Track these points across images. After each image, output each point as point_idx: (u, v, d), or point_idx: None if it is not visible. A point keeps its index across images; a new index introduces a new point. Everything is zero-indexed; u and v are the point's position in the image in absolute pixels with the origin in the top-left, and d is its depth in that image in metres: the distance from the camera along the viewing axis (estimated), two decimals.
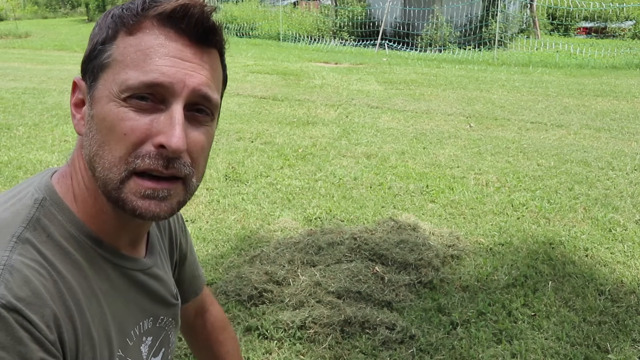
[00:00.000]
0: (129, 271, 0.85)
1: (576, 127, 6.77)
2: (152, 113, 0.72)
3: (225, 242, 3.51)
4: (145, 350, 0.90)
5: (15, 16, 27.92)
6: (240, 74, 10.91)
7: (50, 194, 0.78)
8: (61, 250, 0.75)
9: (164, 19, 0.74)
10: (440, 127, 6.83)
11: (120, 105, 0.72)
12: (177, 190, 0.76)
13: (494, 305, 2.83)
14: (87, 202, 0.79)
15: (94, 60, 0.75)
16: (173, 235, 1.06)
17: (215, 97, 0.78)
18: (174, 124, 0.71)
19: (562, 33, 18.93)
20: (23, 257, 0.70)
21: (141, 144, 0.72)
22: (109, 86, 0.73)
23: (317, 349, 2.46)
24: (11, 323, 0.64)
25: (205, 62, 0.76)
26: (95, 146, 0.74)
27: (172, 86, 0.72)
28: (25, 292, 0.67)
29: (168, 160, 0.72)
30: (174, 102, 0.73)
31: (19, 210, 0.75)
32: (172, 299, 0.96)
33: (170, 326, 0.97)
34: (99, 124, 0.73)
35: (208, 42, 0.77)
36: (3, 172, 4.78)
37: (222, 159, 5.25)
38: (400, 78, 10.76)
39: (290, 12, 21.20)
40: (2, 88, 9.07)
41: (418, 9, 17.10)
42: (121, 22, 0.74)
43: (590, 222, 3.88)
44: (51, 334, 0.68)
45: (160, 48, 0.72)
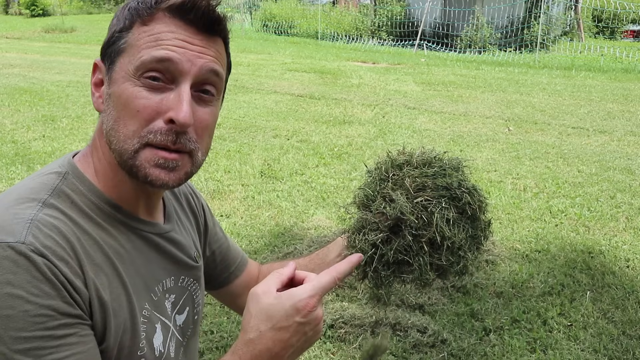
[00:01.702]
0: (147, 234, 0.92)
1: (620, 133, 6.58)
2: (162, 92, 0.81)
3: (259, 238, 3.54)
4: (170, 306, 0.96)
5: (61, 11, 28.77)
6: (278, 72, 10.98)
7: (72, 169, 0.87)
8: (84, 214, 0.83)
9: (174, 11, 0.82)
10: (478, 129, 6.73)
11: (135, 84, 0.80)
12: (184, 162, 0.84)
13: (528, 313, 2.78)
14: (108, 174, 0.87)
15: (112, 45, 0.84)
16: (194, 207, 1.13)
17: (221, 71, 0.86)
18: (182, 100, 0.80)
19: (607, 36, 18.39)
20: (49, 215, 0.77)
21: (152, 120, 0.80)
22: (125, 67, 0.81)
23: (347, 349, 2.46)
24: (40, 264, 0.71)
25: (211, 47, 0.85)
26: (111, 121, 0.82)
27: (181, 62, 0.80)
28: (51, 242, 0.74)
29: (176, 134, 0.81)
30: (182, 82, 0.81)
31: (45, 181, 0.83)
32: (192, 261, 1.02)
33: (193, 287, 1.03)
34: (115, 101, 0.82)
35: (213, 32, 0.85)
36: (47, 162, 4.93)
37: (258, 156, 5.30)
38: (438, 79, 10.64)
39: (329, 10, 21.21)
40: (48, 81, 9.36)
41: (458, 9, 16.87)
42: (136, 14, 0.82)
43: (633, 232, 3.76)
44: (76, 279, 0.75)
45: (170, 33, 0.81)
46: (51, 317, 0.71)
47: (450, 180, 0.95)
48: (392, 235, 0.94)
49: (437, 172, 0.96)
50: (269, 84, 9.51)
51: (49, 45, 16.66)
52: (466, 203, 0.95)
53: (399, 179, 0.96)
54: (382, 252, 0.94)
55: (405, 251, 0.93)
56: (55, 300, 0.71)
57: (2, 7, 33.83)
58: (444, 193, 0.94)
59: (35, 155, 5.13)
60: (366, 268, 0.96)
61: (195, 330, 1.06)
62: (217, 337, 2.51)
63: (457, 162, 1.00)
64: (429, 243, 0.93)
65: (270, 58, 13.32)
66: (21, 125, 6.29)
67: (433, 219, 0.91)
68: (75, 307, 0.74)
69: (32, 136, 5.83)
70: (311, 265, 1.14)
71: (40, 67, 11.14)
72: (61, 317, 0.72)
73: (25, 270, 0.70)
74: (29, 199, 0.79)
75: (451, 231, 0.93)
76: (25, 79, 9.49)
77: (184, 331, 1.00)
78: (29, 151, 5.26)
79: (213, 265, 1.19)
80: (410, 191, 0.94)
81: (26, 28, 22.36)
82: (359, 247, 0.96)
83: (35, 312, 0.69)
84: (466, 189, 0.95)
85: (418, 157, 0.99)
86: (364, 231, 0.96)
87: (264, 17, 20.86)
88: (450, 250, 0.94)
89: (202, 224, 1.15)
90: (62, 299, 0.72)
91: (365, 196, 0.99)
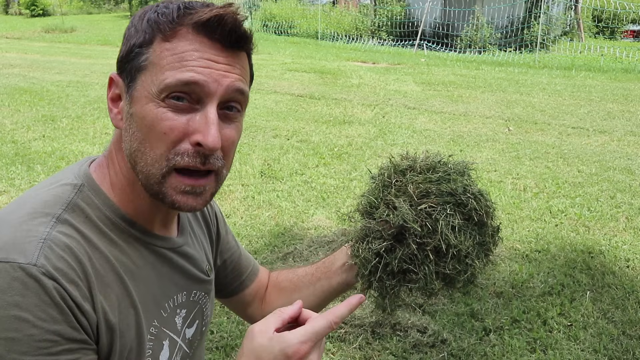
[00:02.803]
0: (160, 249, 0.91)
1: (620, 133, 6.58)
2: (188, 113, 0.78)
3: (259, 238, 3.54)
4: (180, 321, 0.95)
5: (61, 11, 28.77)
6: (278, 72, 10.98)
7: (88, 180, 0.85)
8: (98, 229, 0.81)
9: (199, 27, 0.78)
10: (478, 129, 6.73)
11: (159, 105, 0.77)
12: (210, 184, 0.83)
13: (528, 313, 2.78)
14: (125, 189, 0.85)
15: (132, 61, 0.80)
16: (207, 216, 1.12)
17: (247, 90, 0.84)
18: (210, 123, 0.77)
19: (607, 36, 18.38)
20: (62, 233, 0.76)
21: (179, 142, 0.78)
22: (147, 87, 0.78)
23: (347, 349, 2.46)
24: (49, 288, 0.70)
25: (237, 63, 0.82)
26: (136, 143, 0.80)
27: (207, 84, 0.77)
28: (63, 264, 0.72)
29: (205, 157, 0.79)
30: (208, 103, 0.78)
31: (60, 194, 0.81)
32: (204, 275, 1.01)
33: (203, 300, 1.02)
34: (139, 123, 0.79)
35: (239, 48, 0.83)
36: (47, 162, 4.94)
37: (258, 156, 5.30)
38: (438, 79, 10.64)
39: (329, 10, 21.20)
40: (48, 81, 9.36)
41: (458, 9, 16.87)
42: (157, 28, 0.79)
43: (633, 232, 3.76)
44: (85, 303, 0.74)
45: (195, 52, 0.77)
46: (55, 343, 0.70)
47: (455, 185, 0.92)
48: (396, 243, 0.92)
49: (442, 177, 0.93)
50: (269, 84, 9.51)
51: (49, 45, 16.66)
52: (472, 209, 0.92)
53: (402, 185, 0.94)
54: (387, 261, 0.92)
55: (410, 260, 0.91)
56: (61, 325, 0.71)
57: (2, 7, 33.83)
58: (449, 199, 0.91)
59: (35, 155, 5.13)
60: (370, 277, 0.95)
61: (202, 340, 1.06)
62: (217, 337, 2.51)
63: (462, 166, 0.97)
64: (434, 251, 0.90)
65: (270, 58, 13.32)
66: (21, 125, 6.28)
67: (438, 227, 0.89)
68: (80, 332, 0.73)
69: (32, 136, 5.83)
70: (317, 274, 1.13)
71: (40, 67, 11.14)
72: (65, 342, 0.71)
73: (35, 293, 0.69)
74: (43, 213, 0.77)
75: (457, 239, 0.90)
76: (25, 79, 9.49)
77: (191, 343, 1.00)
78: (29, 151, 5.26)
79: (224, 274, 1.18)
80: (413, 198, 0.91)
81: (26, 28, 22.37)
82: (363, 257, 0.94)
83: (40, 337, 0.69)
84: (472, 194, 0.93)
85: (421, 162, 0.97)
86: (367, 240, 0.94)
87: (264, 17, 20.86)
88: (456, 259, 0.91)
89: (214, 232, 1.13)
90: (68, 324, 0.71)
91: (369, 203, 0.97)
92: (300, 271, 1.19)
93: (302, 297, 1.16)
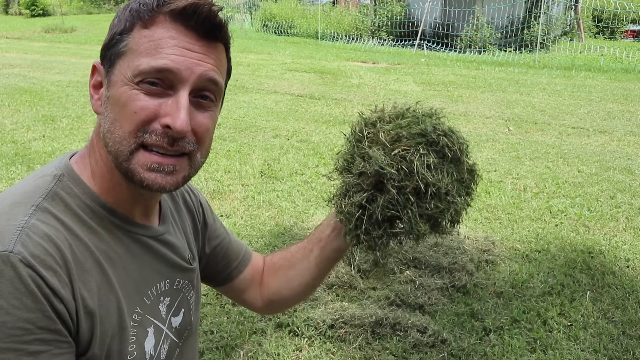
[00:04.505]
0: (141, 237, 0.92)
1: (620, 133, 6.58)
2: (161, 97, 0.81)
3: (259, 238, 3.54)
4: (164, 309, 0.96)
5: (61, 11, 28.77)
6: (278, 72, 10.98)
7: (68, 170, 0.86)
8: (77, 218, 0.82)
9: (176, 15, 0.81)
10: (478, 129, 6.74)
11: (133, 88, 0.80)
12: (182, 165, 0.84)
13: (528, 313, 2.78)
14: (105, 177, 0.87)
15: (112, 48, 0.83)
16: (191, 205, 1.13)
17: (220, 81, 0.86)
18: (180, 107, 0.80)
19: (607, 36, 18.38)
20: (41, 221, 0.77)
21: (149, 122, 0.80)
22: (123, 71, 0.81)
23: (347, 349, 2.46)
24: (24, 276, 0.70)
25: (212, 53, 0.84)
26: (108, 123, 0.82)
27: (179, 72, 0.80)
28: (40, 251, 0.73)
29: (173, 139, 0.81)
30: (181, 88, 0.81)
31: (40, 184, 0.83)
32: (186, 263, 1.02)
33: (187, 288, 1.03)
34: (113, 104, 0.82)
35: (215, 38, 0.85)
36: (47, 162, 4.89)
37: (258, 156, 5.30)
38: (438, 79, 10.64)
39: (329, 10, 21.21)
40: (48, 81, 9.36)
41: (458, 9, 16.87)
42: (138, 16, 0.82)
43: (633, 232, 3.76)
44: (63, 290, 0.74)
45: (170, 40, 0.81)
46: (28, 331, 0.70)
47: (425, 126, 0.93)
48: (376, 192, 0.92)
49: (411, 121, 0.94)
50: (269, 84, 9.51)
51: (49, 45, 16.66)
52: (444, 146, 0.92)
53: (374, 135, 0.95)
54: (370, 211, 0.92)
55: (392, 206, 0.91)
56: (34, 314, 0.71)
57: (2, 7, 33.83)
58: (420, 140, 0.91)
59: (35, 155, 5.13)
60: (357, 231, 0.95)
61: (192, 330, 1.06)
62: (217, 337, 2.51)
63: (430, 110, 0.98)
64: (415, 193, 0.90)
65: (270, 58, 13.32)
66: (21, 125, 6.28)
67: (413, 168, 0.89)
68: (55, 322, 0.73)
69: (32, 136, 5.83)
70: (309, 246, 1.14)
71: (40, 67, 11.14)
72: (38, 331, 0.71)
73: (9, 281, 0.70)
74: (22, 203, 0.78)
75: (434, 177, 0.90)
76: (25, 79, 9.49)
77: (180, 333, 1.00)
78: (29, 151, 5.26)
79: (215, 262, 1.18)
80: (386, 145, 0.92)
81: (26, 28, 22.37)
82: (347, 211, 0.95)
83: (12, 324, 0.69)
84: (442, 131, 0.93)
85: (390, 112, 0.98)
86: (348, 194, 0.95)
87: (264, 17, 20.86)
88: (437, 197, 0.91)
89: (200, 221, 1.14)
90: (42, 312, 0.71)
91: (345, 160, 0.98)
92: (293, 248, 1.20)
93: (298, 272, 1.17)
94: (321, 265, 1.14)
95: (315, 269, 1.14)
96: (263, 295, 1.24)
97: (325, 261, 1.13)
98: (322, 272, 1.16)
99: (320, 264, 1.13)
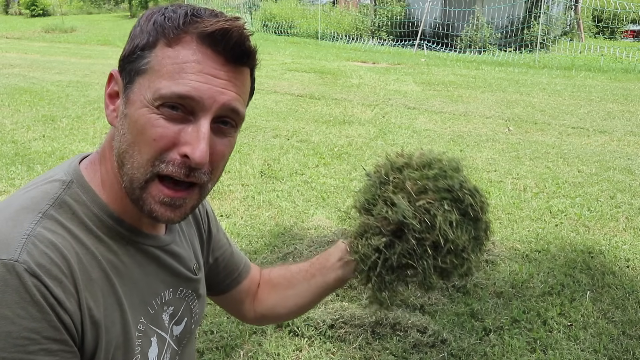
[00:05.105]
0: (147, 247, 0.90)
1: (620, 133, 6.58)
2: (181, 123, 0.77)
3: (259, 238, 3.54)
4: (167, 318, 0.95)
5: (61, 11, 28.77)
6: (278, 72, 10.98)
7: (77, 177, 0.84)
8: (84, 226, 0.81)
9: (204, 38, 0.77)
10: (478, 129, 6.74)
11: (152, 111, 0.77)
12: (192, 197, 0.82)
13: (528, 313, 2.78)
14: (114, 187, 0.85)
15: (133, 63, 0.80)
16: (198, 214, 1.12)
17: (242, 110, 0.83)
18: (200, 138, 0.77)
19: (607, 36, 18.37)
20: (47, 229, 0.75)
21: (167, 151, 0.77)
22: (143, 92, 0.78)
23: (347, 349, 2.46)
24: (29, 286, 0.69)
25: (237, 79, 0.81)
26: (125, 144, 0.80)
27: (202, 101, 0.77)
28: (46, 260, 0.72)
29: (190, 169, 0.78)
30: (202, 117, 0.77)
31: (48, 190, 0.81)
32: (191, 274, 1.01)
33: (190, 298, 1.02)
34: (130, 125, 0.79)
35: (242, 64, 0.82)
36: (47, 162, 4.94)
37: (258, 156, 5.30)
38: (438, 79, 10.65)
39: (329, 10, 21.20)
40: (48, 81, 9.36)
41: (458, 9, 16.87)
42: (162, 32, 0.78)
43: (633, 232, 3.76)
44: (68, 301, 0.73)
45: (196, 64, 0.77)
46: (33, 341, 0.69)
47: (452, 182, 0.93)
48: (395, 239, 0.93)
49: (438, 173, 0.94)
50: (269, 84, 9.51)
51: (49, 45, 16.66)
52: (468, 205, 0.93)
53: (400, 182, 0.95)
54: (386, 256, 0.93)
55: (409, 255, 0.92)
56: (40, 324, 0.70)
57: (2, 7, 33.84)
58: (446, 195, 0.92)
59: (35, 155, 5.13)
60: (370, 273, 0.95)
61: (191, 337, 1.06)
62: (217, 337, 2.51)
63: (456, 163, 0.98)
64: (433, 246, 0.91)
65: (270, 58, 13.32)
66: (21, 125, 6.28)
67: (436, 222, 0.90)
68: (61, 332, 0.72)
69: (32, 136, 5.83)
70: (312, 270, 1.13)
71: (40, 67, 11.14)
72: (44, 341, 0.70)
73: (15, 290, 0.69)
74: (29, 209, 0.77)
75: (454, 234, 0.91)
76: (25, 79, 9.49)
77: (180, 340, 1.00)
78: (29, 151, 5.26)
79: (216, 272, 1.18)
80: (412, 194, 0.92)
81: (26, 28, 22.36)
82: (362, 252, 0.95)
83: (18, 334, 0.68)
84: (468, 190, 0.94)
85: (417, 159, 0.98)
86: (366, 236, 0.95)
87: (264, 17, 20.85)
88: (453, 253, 0.92)
89: (205, 230, 1.13)
90: (48, 322, 0.70)
91: (366, 200, 0.98)
92: (293, 268, 1.19)
93: (296, 293, 1.16)
94: (321, 291, 1.14)
95: (315, 293, 1.14)
96: (256, 309, 1.23)
97: (326, 288, 1.13)
98: (320, 297, 1.16)
99: (320, 290, 1.13)
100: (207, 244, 1.14)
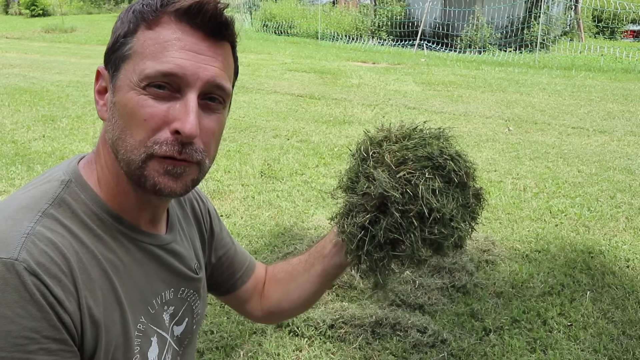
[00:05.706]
0: (147, 246, 0.90)
1: (620, 133, 6.58)
2: (169, 101, 0.79)
3: (259, 238, 3.54)
4: (167, 318, 0.95)
5: (61, 11, 28.75)
6: (278, 72, 10.98)
7: (76, 176, 0.85)
8: (84, 225, 0.81)
9: (181, 15, 0.80)
10: (478, 129, 6.74)
11: (140, 93, 0.78)
12: (191, 169, 0.83)
13: (528, 313, 2.78)
14: (110, 184, 0.85)
15: (117, 51, 0.82)
16: (199, 213, 1.12)
17: (227, 86, 0.84)
18: (189, 111, 0.78)
19: (607, 36, 18.37)
20: (47, 228, 0.75)
21: (159, 130, 0.79)
22: (129, 76, 0.79)
23: (347, 349, 2.46)
24: (29, 284, 0.69)
25: (219, 54, 0.82)
26: (117, 130, 0.81)
27: (185, 77, 0.78)
28: (45, 259, 0.72)
29: (182, 145, 0.79)
30: (188, 92, 0.79)
31: (47, 189, 0.82)
32: (192, 273, 1.01)
33: (192, 298, 1.02)
34: (120, 110, 0.80)
35: (221, 36, 0.83)
36: (47, 162, 4.94)
37: (258, 156, 5.30)
38: (438, 79, 10.65)
39: (329, 10, 21.19)
40: (48, 81, 9.36)
41: (458, 9, 16.87)
42: (141, 17, 0.80)
43: (633, 232, 3.76)
44: (68, 300, 0.73)
45: (176, 42, 0.79)
46: (33, 340, 0.69)
47: (431, 149, 0.91)
48: (380, 214, 0.91)
49: (417, 143, 0.93)
50: (269, 84, 9.51)
51: (49, 45, 16.66)
52: (451, 170, 0.91)
53: (380, 156, 0.94)
54: (372, 233, 0.91)
55: (395, 229, 0.90)
56: (39, 323, 0.70)
57: (2, 7, 33.83)
58: (426, 163, 0.90)
59: (35, 155, 5.13)
60: (359, 252, 0.94)
61: (192, 338, 1.05)
62: (217, 337, 2.51)
63: (438, 132, 0.97)
64: (418, 217, 0.89)
65: (270, 58, 13.32)
66: (21, 125, 6.28)
67: (418, 192, 0.88)
68: (60, 331, 0.72)
69: (32, 136, 5.83)
70: (311, 260, 1.13)
71: (40, 67, 11.13)
72: (43, 341, 0.70)
73: (14, 289, 0.68)
74: (28, 208, 0.77)
75: (439, 202, 0.89)
76: (25, 79, 9.49)
77: (181, 341, 1.00)
78: (29, 151, 5.26)
79: (220, 271, 1.17)
80: (391, 167, 0.91)
81: (26, 28, 22.36)
82: (349, 232, 0.94)
83: (17, 333, 0.68)
84: (449, 156, 0.92)
85: (397, 131, 0.97)
86: (351, 214, 0.94)
87: (264, 17, 20.85)
88: (441, 222, 0.90)
89: (207, 230, 1.13)
90: (48, 322, 0.70)
91: (349, 179, 0.97)
92: (294, 260, 1.20)
93: (298, 285, 1.16)
94: (321, 280, 1.13)
95: (316, 283, 1.14)
96: (263, 306, 1.23)
97: (326, 276, 1.12)
98: (322, 287, 1.15)
99: (321, 278, 1.13)
100: (209, 243, 1.14)
